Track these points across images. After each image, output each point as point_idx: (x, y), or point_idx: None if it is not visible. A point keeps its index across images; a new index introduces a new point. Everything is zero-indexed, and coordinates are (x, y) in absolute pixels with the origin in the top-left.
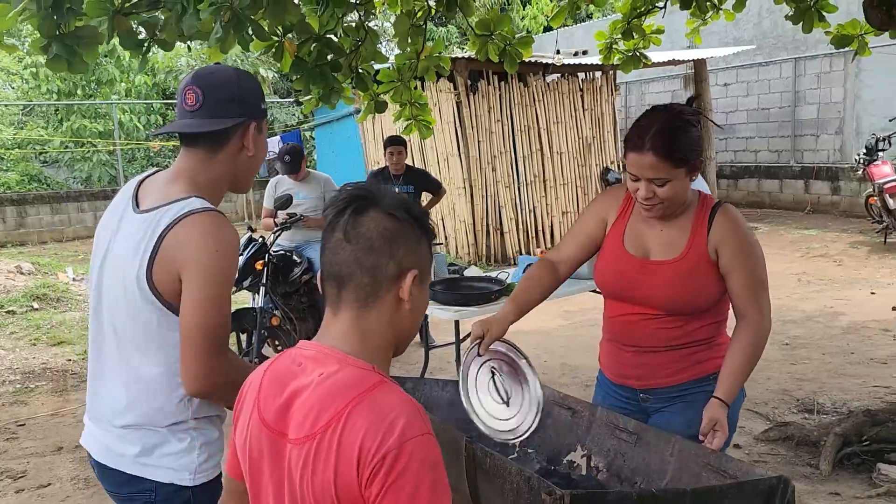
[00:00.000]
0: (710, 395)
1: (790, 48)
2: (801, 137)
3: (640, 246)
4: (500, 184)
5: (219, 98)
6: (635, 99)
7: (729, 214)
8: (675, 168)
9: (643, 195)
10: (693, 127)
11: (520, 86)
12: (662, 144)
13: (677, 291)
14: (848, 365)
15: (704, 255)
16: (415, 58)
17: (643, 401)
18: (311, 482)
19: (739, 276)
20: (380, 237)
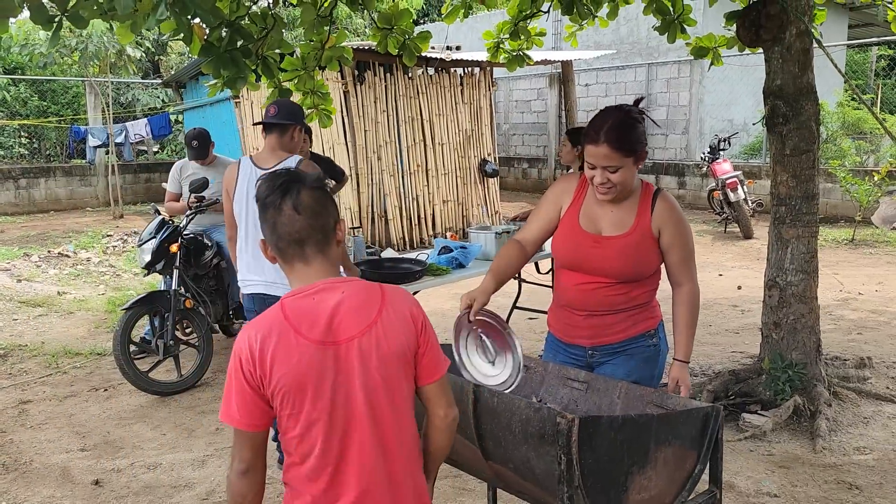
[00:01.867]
0: (645, 347)
1: (644, 54)
2: (653, 136)
3: (594, 224)
4: (385, 172)
5: (284, 112)
6: (504, 95)
7: (668, 200)
8: (624, 157)
9: (599, 181)
10: (639, 123)
11: (405, 78)
12: (615, 138)
13: (625, 261)
14: (708, 335)
15: (648, 232)
16: (319, 48)
17: (590, 356)
18: (389, 348)
19: (677, 252)
20: (318, 205)
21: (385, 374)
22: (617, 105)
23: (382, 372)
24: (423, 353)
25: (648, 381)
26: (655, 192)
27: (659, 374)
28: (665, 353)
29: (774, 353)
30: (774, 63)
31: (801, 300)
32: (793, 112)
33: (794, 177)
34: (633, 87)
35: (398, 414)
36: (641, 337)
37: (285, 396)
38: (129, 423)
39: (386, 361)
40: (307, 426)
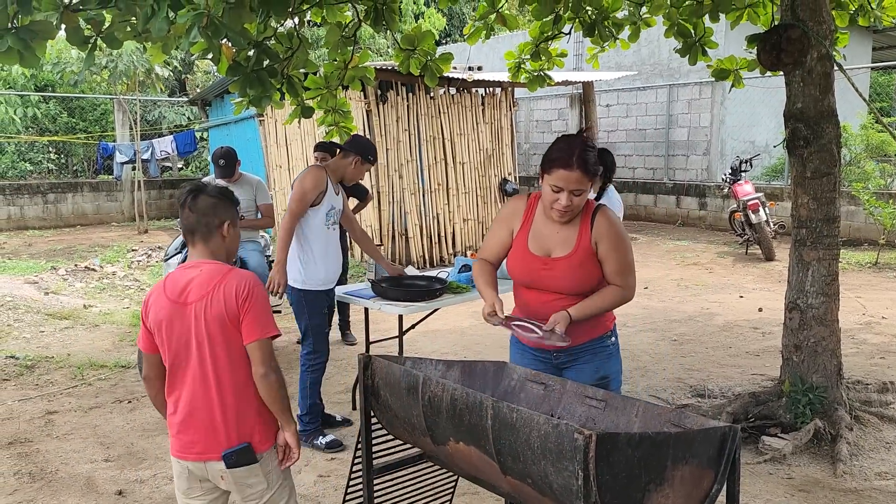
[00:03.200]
0: (605, 347)
1: (665, 75)
2: (674, 157)
3: (543, 246)
4: (407, 191)
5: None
6: (524, 115)
7: (605, 215)
8: (589, 181)
9: (565, 204)
10: (595, 151)
11: (426, 97)
12: (586, 163)
13: (573, 280)
14: (728, 357)
15: (589, 248)
16: (343, 67)
17: (556, 358)
18: (212, 312)
19: (611, 264)
20: (208, 207)
21: (211, 331)
22: (573, 134)
23: (209, 329)
24: (242, 320)
25: (615, 373)
26: (596, 208)
27: (620, 367)
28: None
29: (795, 376)
30: (795, 86)
31: (822, 323)
32: (814, 135)
33: (815, 199)
34: (654, 107)
35: (232, 359)
36: (600, 339)
37: (155, 332)
38: (153, 435)
39: (210, 322)
40: (168, 362)
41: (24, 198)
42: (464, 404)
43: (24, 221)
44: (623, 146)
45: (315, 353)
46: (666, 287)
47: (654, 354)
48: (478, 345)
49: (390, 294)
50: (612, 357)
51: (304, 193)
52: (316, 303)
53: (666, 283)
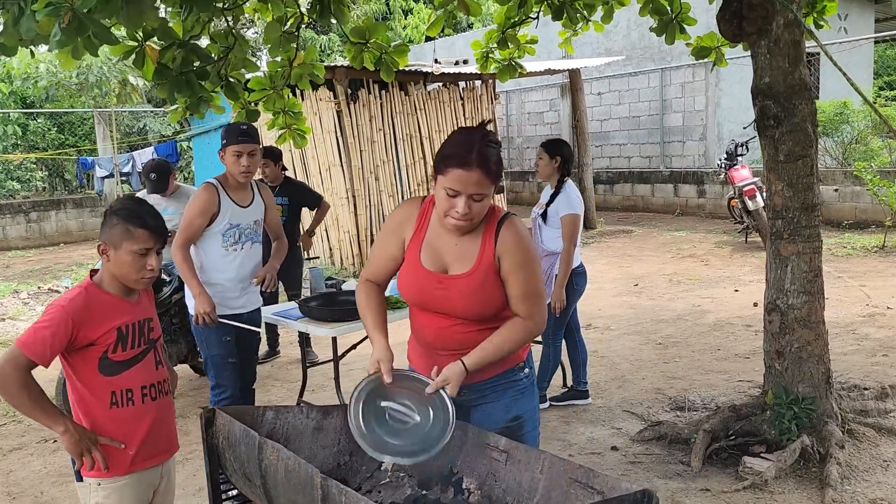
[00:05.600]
0: (517, 381)
1: (657, 59)
2: (669, 144)
3: (438, 261)
4: (384, 193)
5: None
6: (515, 108)
7: (513, 226)
8: (491, 185)
9: (463, 211)
10: (499, 148)
11: (401, 94)
12: (487, 161)
13: (471, 302)
14: (715, 361)
15: (492, 266)
16: (287, 65)
17: (461, 395)
18: None
19: (515, 286)
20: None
21: None
22: (469, 127)
23: None
24: None
25: (530, 413)
26: (502, 217)
27: (537, 404)
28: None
29: (778, 386)
30: (761, 59)
31: (806, 325)
32: (785, 113)
33: (790, 186)
34: (646, 93)
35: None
36: (511, 371)
37: None
38: (68, 481)
39: None
40: None
41: (5, 217)
42: (296, 478)
43: (7, 242)
44: (617, 135)
45: (218, 389)
46: (657, 283)
47: (635, 361)
48: None
49: (316, 314)
50: (526, 393)
51: (190, 223)
52: (213, 331)
53: (658, 279)
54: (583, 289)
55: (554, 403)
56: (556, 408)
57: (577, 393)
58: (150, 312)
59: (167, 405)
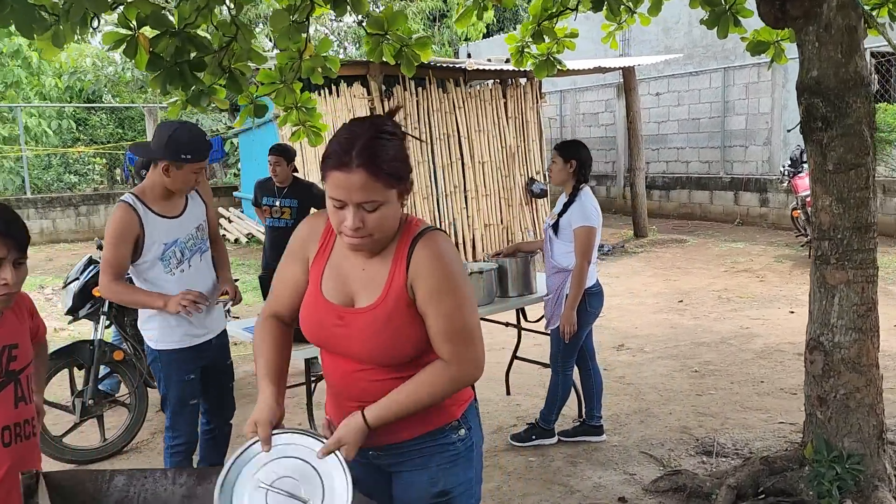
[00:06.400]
0: (447, 445)
1: (720, 57)
2: (731, 148)
3: (342, 290)
4: (418, 195)
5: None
6: (570, 108)
7: (431, 244)
8: (387, 188)
9: (351, 224)
10: (400, 141)
11: (439, 92)
12: (374, 159)
13: (375, 343)
14: (755, 396)
15: (403, 296)
16: (297, 57)
17: (375, 457)
18: None
19: (435, 321)
20: None
21: None
22: (365, 116)
23: None
24: None
25: (462, 488)
26: (419, 233)
27: (477, 475)
28: (481, 443)
29: (819, 439)
30: (809, 48)
31: (855, 368)
32: (836, 113)
33: (840, 201)
34: (708, 93)
35: None
36: (441, 432)
37: None
38: None
39: None
40: None
41: (55, 210)
42: None
43: (57, 234)
44: (675, 138)
45: (173, 433)
46: (704, 300)
47: (665, 392)
48: None
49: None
50: (460, 462)
51: (113, 255)
52: (176, 367)
53: (705, 295)
54: (598, 311)
55: (563, 439)
56: (565, 444)
57: (590, 428)
58: (14, 338)
59: (30, 450)
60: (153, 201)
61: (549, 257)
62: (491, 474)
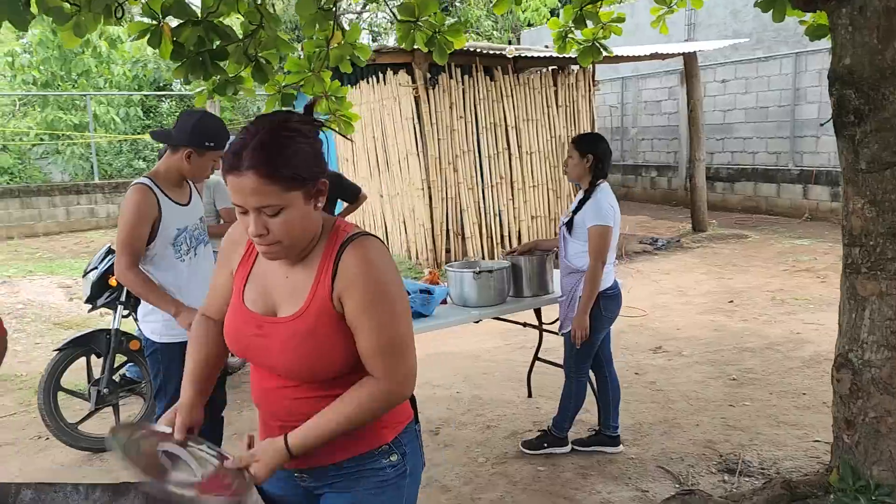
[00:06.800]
0: (376, 471)
1: (791, 42)
2: (801, 139)
3: (265, 298)
4: (463, 185)
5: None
6: (632, 96)
7: (359, 252)
8: (286, 191)
9: (253, 231)
10: (305, 138)
11: (486, 80)
12: (264, 160)
13: (296, 357)
14: (794, 409)
15: (328, 307)
16: (325, 46)
17: (301, 480)
18: None
19: (364, 335)
20: None
21: None
22: (271, 113)
23: None
24: None
25: None
26: (348, 238)
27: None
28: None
29: (845, 466)
30: (841, 33)
31: (886, 390)
32: (870, 106)
33: (874, 204)
34: (777, 80)
35: None
36: (370, 456)
37: None
38: None
39: None
40: None
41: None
42: None
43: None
44: (741, 127)
45: None
46: (757, 301)
47: (695, 400)
48: (484, 375)
49: None
50: (387, 489)
51: (132, 236)
52: (178, 360)
53: (759, 296)
54: (614, 315)
55: (577, 448)
56: (579, 454)
57: (605, 439)
58: None
59: None
60: (167, 187)
61: (563, 257)
62: (496, 483)
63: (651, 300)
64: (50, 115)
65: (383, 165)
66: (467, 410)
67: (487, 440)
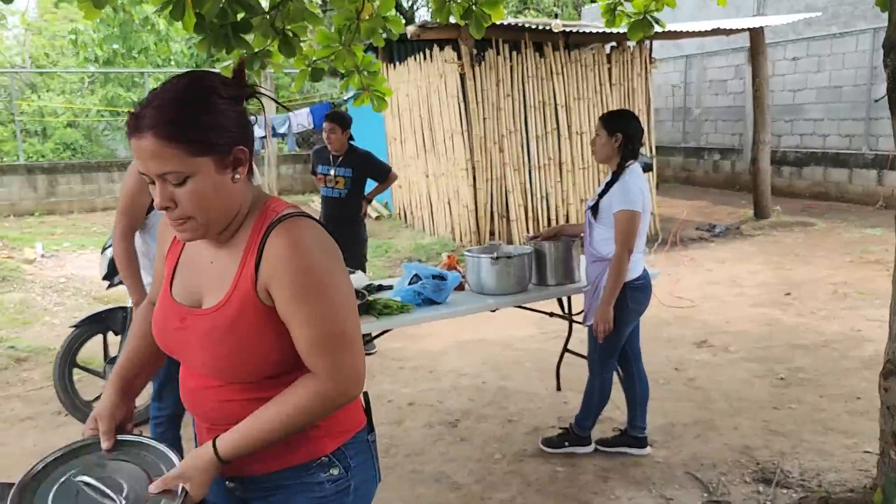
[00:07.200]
0: (313, 485)
1: (870, 17)
2: (877, 121)
3: (192, 287)
4: (508, 166)
5: None
6: (696, 74)
7: (288, 233)
8: (191, 156)
9: (158, 202)
10: (222, 99)
11: (535, 56)
12: (166, 119)
13: (217, 354)
14: (845, 415)
15: (251, 298)
16: (355, 18)
17: (231, 491)
18: None
19: (301, 330)
20: None
21: None
22: (187, 72)
23: None
24: None
25: None
26: (277, 220)
27: None
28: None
29: (890, 484)
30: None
31: None
32: None
33: None
34: (853, 58)
35: None
36: (305, 468)
37: None
38: None
39: None
40: None
41: None
42: None
43: None
44: (812, 108)
45: (160, 403)
46: (816, 294)
47: (737, 401)
48: (514, 365)
49: None
50: None
51: (131, 203)
52: None
53: (819, 289)
54: (642, 307)
55: (601, 448)
56: (601, 455)
57: (632, 440)
58: None
59: None
60: None
61: (588, 244)
62: (509, 482)
63: (701, 290)
64: (111, 92)
65: (429, 145)
66: (490, 402)
67: (507, 435)
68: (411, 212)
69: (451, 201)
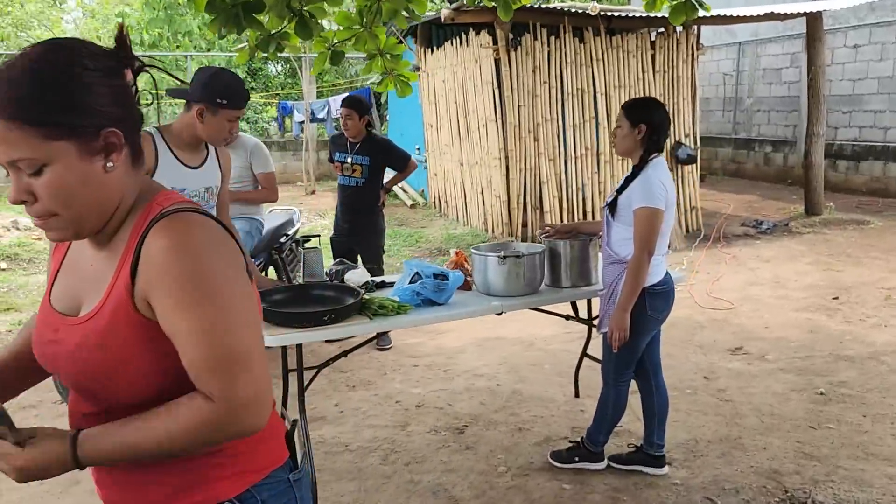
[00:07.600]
0: None
1: None
2: None
3: (71, 293)
4: (543, 156)
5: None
6: (749, 62)
7: (168, 232)
8: (45, 141)
9: (12, 195)
10: (89, 71)
11: (574, 42)
12: (13, 96)
13: (83, 372)
14: (890, 438)
15: (126, 308)
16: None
17: None
18: None
19: (186, 347)
20: None
21: None
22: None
23: None
24: None
25: None
26: (158, 216)
27: None
28: None
29: None
30: None
31: None
32: None
33: None
34: None
35: None
36: None
37: None
38: None
39: None
40: None
41: None
42: None
43: None
44: (872, 99)
45: None
46: (866, 299)
47: (770, 417)
48: (532, 367)
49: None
50: None
51: None
52: None
53: (870, 293)
54: (663, 315)
55: (614, 465)
56: (614, 473)
57: (647, 457)
58: None
59: None
60: (176, 144)
61: (606, 244)
62: (510, 499)
63: (742, 291)
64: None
65: (464, 132)
66: (502, 407)
67: (515, 445)
68: (445, 201)
69: (483, 191)
